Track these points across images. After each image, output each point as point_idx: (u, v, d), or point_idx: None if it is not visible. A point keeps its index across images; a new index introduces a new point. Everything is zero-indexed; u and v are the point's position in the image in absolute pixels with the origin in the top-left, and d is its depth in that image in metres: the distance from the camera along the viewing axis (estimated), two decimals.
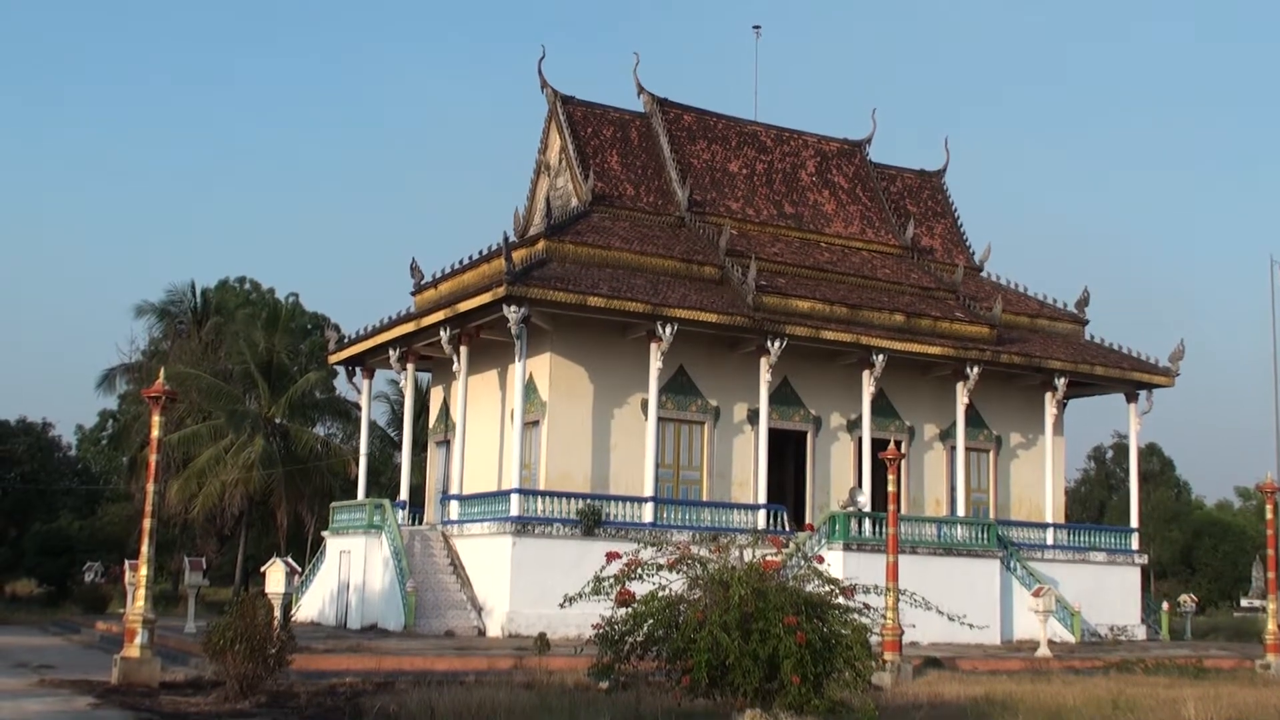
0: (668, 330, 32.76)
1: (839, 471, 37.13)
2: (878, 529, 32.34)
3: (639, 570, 12.56)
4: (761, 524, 33.58)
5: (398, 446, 49.34)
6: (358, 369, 40.53)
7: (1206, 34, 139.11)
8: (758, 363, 34.76)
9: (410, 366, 38.05)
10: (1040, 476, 39.76)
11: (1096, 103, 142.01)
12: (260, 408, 48.31)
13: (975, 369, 37.25)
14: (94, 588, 45.22)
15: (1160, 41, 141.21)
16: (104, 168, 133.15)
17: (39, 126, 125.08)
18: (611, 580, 12.48)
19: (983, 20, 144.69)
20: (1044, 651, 29.60)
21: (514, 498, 31.39)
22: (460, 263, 36.24)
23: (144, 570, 19.91)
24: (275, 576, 24.39)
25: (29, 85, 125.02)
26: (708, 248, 37.30)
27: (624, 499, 32.76)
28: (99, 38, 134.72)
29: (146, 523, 20.09)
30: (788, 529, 33.93)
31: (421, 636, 29.05)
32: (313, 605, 36.08)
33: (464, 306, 33.02)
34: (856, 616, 12.46)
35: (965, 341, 37.68)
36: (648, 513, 32.48)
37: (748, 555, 12.59)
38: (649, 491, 32.84)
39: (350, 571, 34.00)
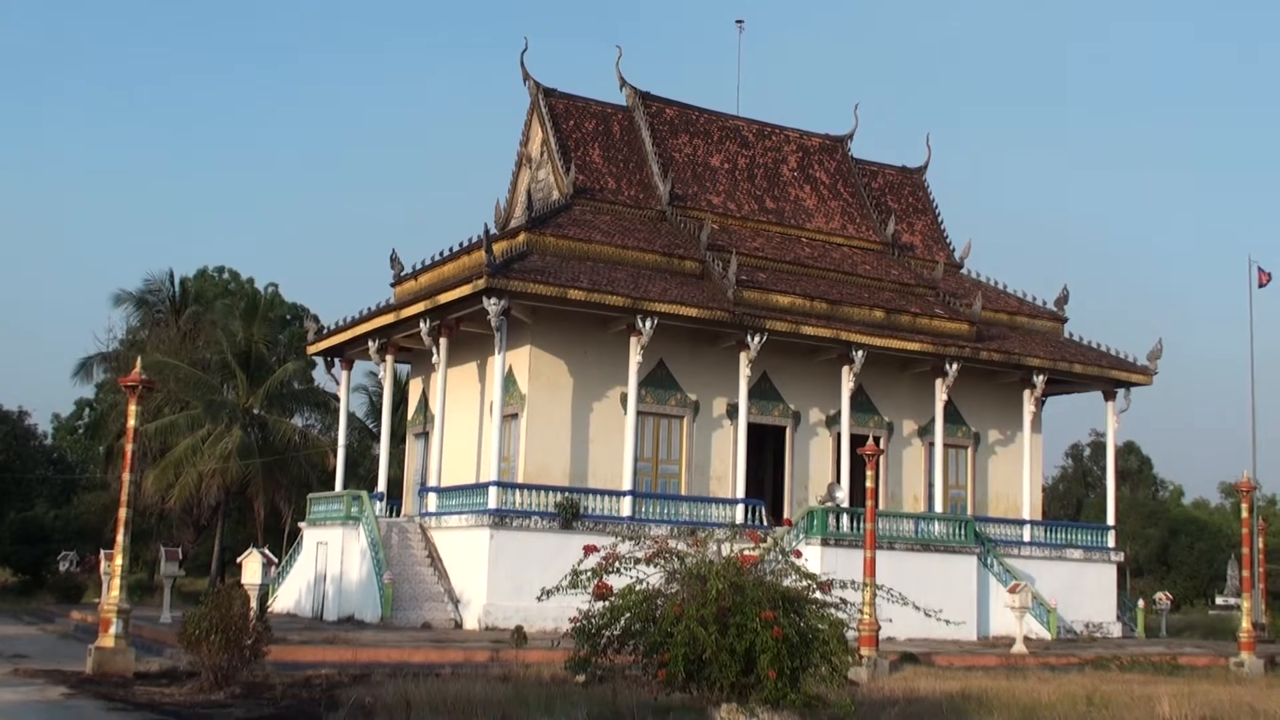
0: (648, 324, 32.74)
1: (818, 467, 37.20)
2: (856, 524, 32.39)
3: (617, 564, 12.51)
4: (740, 519, 33.64)
5: (376, 438, 49.20)
6: (336, 360, 40.44)
7: (1188, 35, 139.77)
8: (737, 357, 34.76)
9: (389, 358, 37.98)
10: (1018, 473, 39.86)
11: (1078, 102, 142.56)
12: (238, 398, 48.10)
13: (954, 365, 37.34)
14: (69, 577, 44.90)
15: (1142, 42, 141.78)
16: (82, 156, 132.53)
17: (18, 115, 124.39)
18: (589, 573, 12.43)
19: (966, 18, 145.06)
20: (1020, 648, 29.70)
21: (492, 490, 31.35)
22: (440, 254, 36.16)
23: (119, 560, 19.84)
24: (252, 567, 24.35)
25: (10, 75, 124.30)
26: (689, 242, 37.29)
27: (602, 492, 32.75)
28: (80, 28, 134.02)
29: (122, 512, 20.01)
30: (766, 524, 33.97)
31: (398, 628, 29.01)
32: (289, 596, 35.98)
33: (444, 298, 32.94)
34: (833, 612, 12.43)
35: (944, 338, 37.76)
36: (626, 506, 32.48)
37: (725, 550, 12.56)
38: (627, 485, 32.84)
39: (327, 563, 33.92)
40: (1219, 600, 62.22)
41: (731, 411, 35.49)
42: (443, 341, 34.10)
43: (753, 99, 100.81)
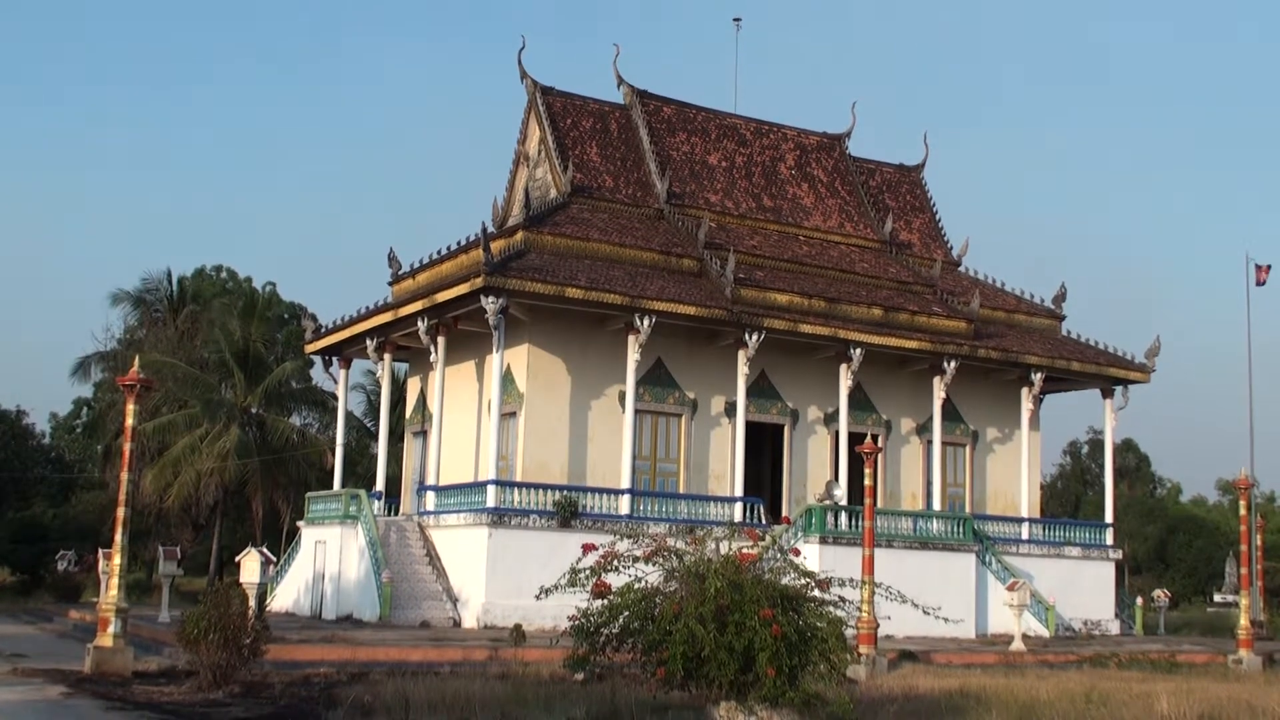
0: (646, 322, 32.72)
1: (816, 465, 37.19)
2: (854, 522, 32.39)
3: (615, 562, 12.51)
4: (738, 517, 33.65)
5: (374, 437, 49.21)
6: (334, 359, 40.41)
7: (1184, 33, 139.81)
8: (735, 355, 34.74)
9: (387, 357, 37.95)
10: (1016, 471, 39.86)
11: (1074, 100, 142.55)
12: (236, 397, 48.08)
13: (952, 363, 37.33)
14: (67, 576, 44.90)
15: (1138, 40, 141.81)
16: (80, 154, 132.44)
17: (15, 111, 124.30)
18: (587, 572, 12.42)
19: (964, 16, 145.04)
20: (1018, 645, 29.72)
21: (490, 489, 31.34)
22: (438, 253, 36.15)
23: (117, 559, 19.82)
24: (250, 566, 24.33)
25: (10, 75, 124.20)
26: (686, 240, 37.28)
27: (601, 491, 32.73)
28: (81, 29, 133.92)
29: (120, 511, 20.00)
30: (764, 522, 33.96)
31: (397, 627, 29.00)
32: (288, 595, 35.96)
33: (442, 297, 32.92)
34: (832, 609, 12.43)
35: (942, 336, 37.75)
36: (624, 505, 32.47)
37: (724, 548, 12.55)
38: (626, 483, 32.82)
39: (326, 562, 33.91)
40: (1217, 597, 62.32)
41: (730, 410, 35.49)
42: (441, 340, 34.08)
43: (750, 97, 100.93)
